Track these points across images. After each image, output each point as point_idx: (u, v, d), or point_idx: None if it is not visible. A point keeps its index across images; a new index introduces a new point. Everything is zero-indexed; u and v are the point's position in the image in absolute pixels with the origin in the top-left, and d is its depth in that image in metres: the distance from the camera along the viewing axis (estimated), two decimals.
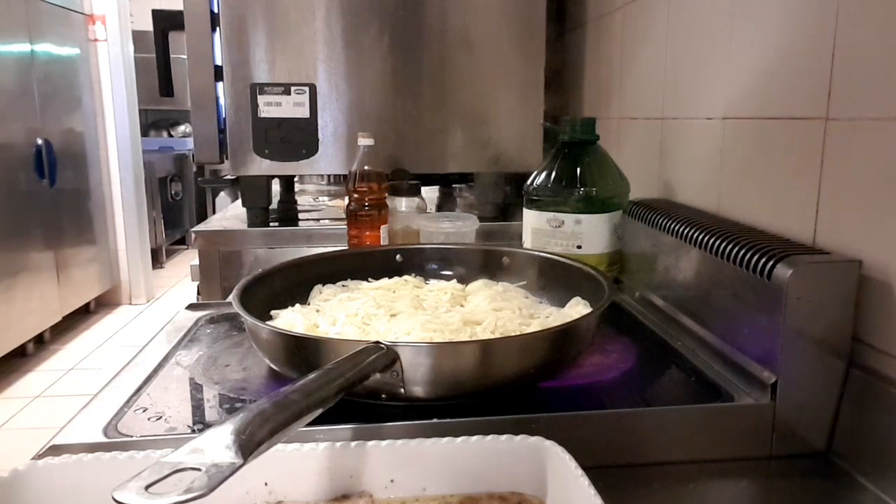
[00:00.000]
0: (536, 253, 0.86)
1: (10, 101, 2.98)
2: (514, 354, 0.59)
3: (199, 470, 0.34)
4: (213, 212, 3.92)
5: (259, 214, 1.28)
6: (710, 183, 0.85)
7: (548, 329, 0.64)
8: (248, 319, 0.63)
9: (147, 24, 1.47)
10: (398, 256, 0.89)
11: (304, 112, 1.23)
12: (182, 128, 5.24)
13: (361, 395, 0.54)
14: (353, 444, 0.47)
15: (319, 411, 0.43)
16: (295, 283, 0.81)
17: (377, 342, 0.54)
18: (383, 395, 0.56)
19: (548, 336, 0.62)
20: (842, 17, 0.61)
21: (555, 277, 0.81)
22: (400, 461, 0.47)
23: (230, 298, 0.68)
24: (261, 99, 1.21)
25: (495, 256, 0.87)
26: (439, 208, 1.45)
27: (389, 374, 0.53)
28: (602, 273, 0.75)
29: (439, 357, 0.56)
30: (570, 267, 0.80)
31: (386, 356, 0.53)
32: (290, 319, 0.70)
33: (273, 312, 0.74)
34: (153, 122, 5.21)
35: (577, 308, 0.73)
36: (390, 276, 0.85)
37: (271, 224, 1.29)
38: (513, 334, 0.67)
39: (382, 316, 0.71)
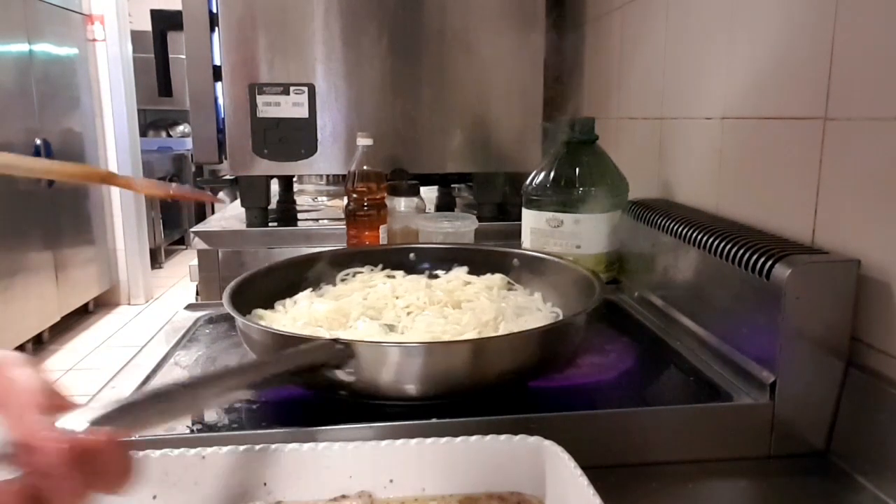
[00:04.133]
0: (533, 253, 0.86)
1: (9, 101, 2.98)
2: (487, 355, 0.58)
3: None
4: (212, 212, 3.92)
5: (258, 214, 1.28)
6: (709, 183, 0.85)
7: (527, 330, 0.63)
8: (239, 319, 0.63)
9: (146, 24, 1.47)
10: (412, 255, 0.89)
11: (302, 112, 1.23)
12: (181, 128, 5.24)
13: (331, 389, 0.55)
14: (352, 444, 0.47)
15: (232, 396, 0.44)
16: (288, 284, 0.80)
17: (335, 339, 0.54)
18: (343, 392, 0.56)
19: (527, 337, 0.61)
20: (840, 17, 0.61)
21: (549, 277, 0.81)
22: (399, 461, 0.47)
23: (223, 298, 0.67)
24: (260, 99, 1.21)
25: (506, 258, 0.86)
26: (438, 208, 1.44)
27: (345, 371, 0.54)
28: (595, 273, 0.74)
29: (397, 356, 0.56)
30: (563, 267, 0.79)
31: (342, 353, 0.53)
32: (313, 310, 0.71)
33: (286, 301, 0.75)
34: (152, 122, 5.21)
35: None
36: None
37: (270, 224, 1.29)
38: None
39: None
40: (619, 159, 0.96)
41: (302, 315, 0.70)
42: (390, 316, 0.72)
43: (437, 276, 0.85)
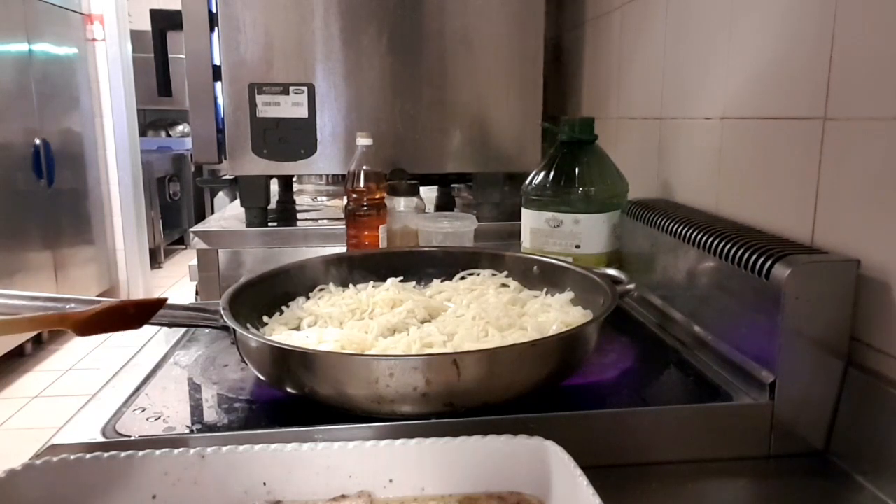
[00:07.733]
0: (532, 256, 0.85)
1: (8, 101, 2.98)
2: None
3: None
4: (212, 212, 3.92)
5: (257, 214, 1.28)
6: (709, 183, 0.85)
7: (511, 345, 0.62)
8: (237, 329, 0.61)
9: (145, 24, 1.47)
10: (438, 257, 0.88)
11: (302, 112, 1.23)
12: (180, 128, 5.24)
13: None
14: (352, 444, 0.47)
15: None
16: (282, 291, 0.79)
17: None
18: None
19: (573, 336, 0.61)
20: (840, 18, 0.61)
21: (556, 280, 0.80)
22: (399, 461, 0.47)
23: (220, 306, 0.66)
24: (259, 99, 1.21)
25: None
26: (438, 208, 1.44)
27: None
28: (608, 280, 0.72)
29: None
30: (572, 271, 0.78)
31: None
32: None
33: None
34: (151, 122, 5.21)
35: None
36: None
37: (270, 224, 1.29)
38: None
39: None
40: (618, 159, 0.96)
41: (333, 335, 0.66)
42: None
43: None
